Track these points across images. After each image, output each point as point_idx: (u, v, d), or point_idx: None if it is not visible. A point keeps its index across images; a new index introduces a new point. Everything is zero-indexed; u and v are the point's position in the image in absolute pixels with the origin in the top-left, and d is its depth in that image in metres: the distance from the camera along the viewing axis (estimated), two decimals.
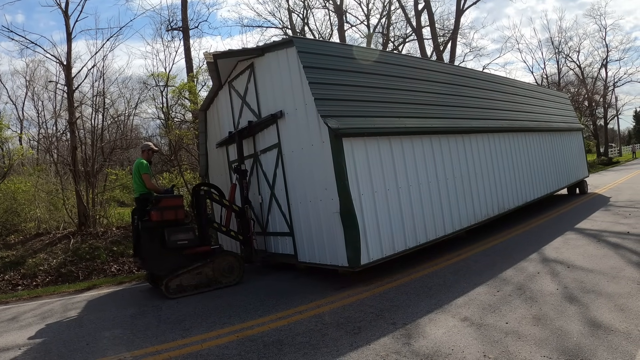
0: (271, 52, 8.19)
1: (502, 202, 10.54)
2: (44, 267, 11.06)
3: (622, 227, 9.27)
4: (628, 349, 3.82)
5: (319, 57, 7.42)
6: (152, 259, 7.66)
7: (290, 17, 28.52)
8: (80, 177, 14.88)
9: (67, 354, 5.23)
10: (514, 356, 3.93)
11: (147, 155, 8.55)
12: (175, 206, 7.82)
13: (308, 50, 7.37)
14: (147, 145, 8.73)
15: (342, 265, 7.05)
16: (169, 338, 5.44)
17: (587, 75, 45.61)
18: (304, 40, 8.22)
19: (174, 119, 19.84)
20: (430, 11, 26.68)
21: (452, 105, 9.68)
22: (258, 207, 9.42)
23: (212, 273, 7.92)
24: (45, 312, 7.34)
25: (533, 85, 16.55)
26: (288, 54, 7.63)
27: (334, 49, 8.22)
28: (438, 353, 4.18)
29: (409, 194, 7.91)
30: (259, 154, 9.13)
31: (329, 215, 7.15)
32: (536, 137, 13.05)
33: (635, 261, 6.58)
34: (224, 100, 10.39)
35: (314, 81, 7.09)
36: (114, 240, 12.73)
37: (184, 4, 20.50)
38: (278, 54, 7.98)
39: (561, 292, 5.56)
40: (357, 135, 7.14)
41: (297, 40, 7.53)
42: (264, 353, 4.61)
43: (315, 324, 5.42)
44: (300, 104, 7.50)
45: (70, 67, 15.22)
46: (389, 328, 4.98)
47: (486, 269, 7.14)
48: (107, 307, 7.61)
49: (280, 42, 7.95)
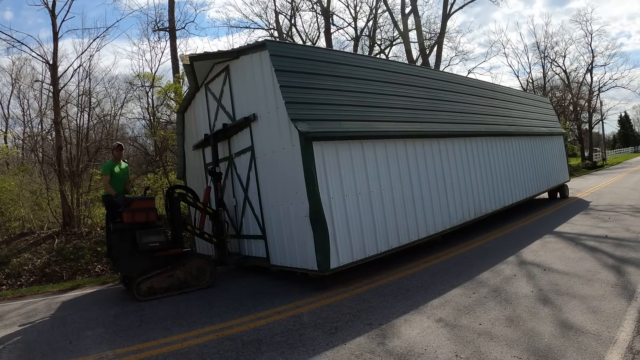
0: (246, 55, 8.21)
1: (478, 206, 10.61)
2: (28, 267, 11.04)
3: (601, 230, 9.42)
4: (597, 350, 3.93)
5: (292, 61, 7.45)
6: (124, 260, 7.65)
7: (277, 19, 28.55)
8: (65, 177, 14.83)
9: (50, 353, 5.30)
10: (485, 356, 4.02)
11: (114, 155, 8.68)
12: (146, 208, 7.82)
13: (281, 54, 7.39)
14: (113, 145, 8.85)
15: (312, 269, 7.07)
16: (150, 337, 5.53)
17: (572, 80, 46.04)
18: (277, 44, 8.24)
19: (159, 120, 19.80)
20: (417, 15, 26.84)
21: (428, 110, 9.74)
22: (232, 209, 9.42)
23: (183, 276, 7.92)
24: (29, 312, 7.38)
25: (515, 90, 16.64)
26: (261, 57, 7.65)
27: (307, 52, 8.26)
28: (411, 353, 4.28)
29: (382, 198, 7.95)
30: (234, 156, 9.14)
31: (300, 219, 7.17)
32: (515, 141, 13.15)
33: (611, 264, 6.71)
34: (201, 103, 10.39)
35: (286, 84, 7.11)
36: (98, 241, 12.71)
37: (171, 5, 20.48)
38: (252, 57, 8.00)
39: (535, 295, 5.68)
40: (327, 139, 7.17)
41: (270, 44, 7.55)
42: (242, 352, 4.73)
43: (293, 324, 5.54)
44: (273, 107, 7.52)
45: (56, 67, 15.18)
46: (365, 328, 5.10)
47: (463, 272, 7.24)
48: (91, 307, 7.69)
49: (254, 45, 7.97)
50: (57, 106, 15.68)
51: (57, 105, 15.64)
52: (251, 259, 8.96)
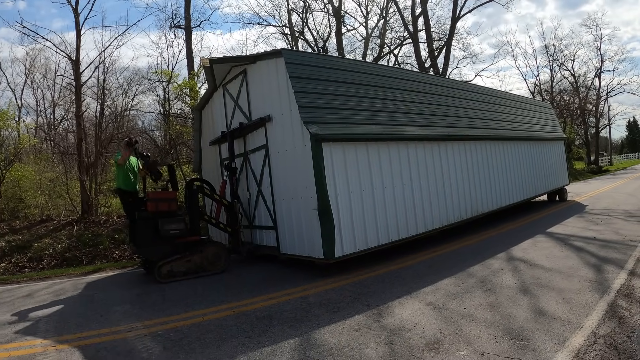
0: (262, 61, 8.92)
1: (475, 206, 11.27)
2: (49, 251, 11.80)
3: (591, 232, 9.90)
4: (564, 333, 4.44)
5: (305, 68, 8.14)
6: (146, 246, 8.42)
7: (289, 17, 29.14)
8: (84, 167, 15.61)
9: (84, 324, 6.05)
10: (465, 333, 4.67)
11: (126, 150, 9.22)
12: (169, 199, 8.59)
13: (295, 62, 8.10)
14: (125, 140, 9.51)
15: (318, 257, 7.80)
16: (174, 312, 6.28)
17: (580, 84, 46.11)
18: (292, 52, 8.94)
19: (174, 115, 20.55)
20: (427, 17, 27.33)
21: (429, 114, 10.39)
22: (246, 202, 10.15)
23: (200, 261, 8.67)
24: (57, 291, 8.04)
25: (516, 95, 17.15)
26: (277, 63, 8.35)
27: (319, 60, 8.96)
28: (402, 329, 4.96)
29: (383, 195, 8.65)
30: (249, 153, 9.86)
31: (309, 211, 7.89)
32: (514, 145, 13.75)
33: (593, 263, 7.24)
34: (218, 102, 11.12)
35: (299, 90, 7.82)
36: (115, 229, 13.48)
37: (187, 4, 21.17)
38: (268, 62, 8.71)
39: (518, 286, 6.28)
40: (335, 141, 7.88)
41: (286, 52, 8.24)
42: (256, 324, 5.46)
43: (300, 303, 6.29)
44: (287, 110, 8.22)
45: (79, 63, 15.99)
46: (363, 308, 5.81)
47: (456, 264, 7.90)
48: (115, 287, 8.47)
49: (270, 52, 8.67)
50: (79, 100, 16.53)
51: (78, 99, 16.48)
52: (262, 248, 9.69)
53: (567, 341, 4.26)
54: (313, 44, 29.46)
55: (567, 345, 4.19)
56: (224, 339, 5.03)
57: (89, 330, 5.75)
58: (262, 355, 4.47)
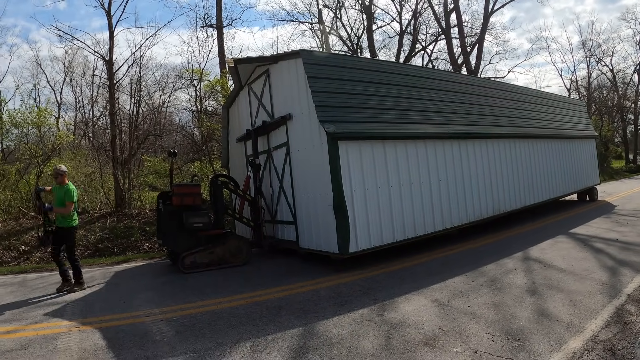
0: (283, 61, 9.22)
1: (497, 204, 11.23)
2: (82, 242, 12.45)
3: (614, 234, 9.72)
4: (563, 336, 4.42)
5: (322, 68, 8.37)
6: (171, 238, 8.87)
7: (319, 14, 29.25)
8: (117, 163, 16.31)
9: (107, 308, 6.57)
10: (463, 331, 4.78)
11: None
12: (193, 193, 9.00)
13: (312, 62, 8.34)
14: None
15: (333, 252, 8.03)
16: (191, 300, 6.73)
17: (618, 80, 44.33)
18: (310, 53, 9.11)
19: (205, 111, 21.10)
20: (459, 12, 27.05)
21: (450, 112, 10.41)
22: (269, 197, 10.47)
23: (222, 253, 9.05)
24: (87, 279, 8.44)
25: (545, 93, 16.78)
26: (297, 64, 8.62)
27: (336, 60, 9.18)
28: (402, 323, 5.14)
29: (400, 192, 8.79)
30: (272, 150, 10.18)
31: (325, 207, 8.13)
32: (541, 143, 13.55)
33: (609, 265, 7.14)
34: (244, 100, 11.49)
35: (316, 89, 8.06)
36: (146, 221, 14.08)
37: (218, 3, 21.65)
38: (289, 63, 8.99)
39: (528, 286, 6.29)
40: (352, 139, 8.08)
41: (304, 52, 8.49)
42: (265, 314, 5.78)
43: (311, 296, 6.58)
44: (305, 109, 8.48)
45: (112, 63, 16.74)
46: (370, 303, 6.03)
47: (470, 263, 7.95)
48: (140, 277, 9.03)
49: (290, 52, 8.95)
50: (113, 98, 17.29)
51: (112, 97, 17.26)
52: (283, 242, 10.01)
53: (564, 344, 4.26)
54: (347, 41, 29.50)
55: (564, 348, 4.18)
56: (233, 325, 5.37)
57: (111, 314, 6.23)
58: (265, 342, 4.76)
